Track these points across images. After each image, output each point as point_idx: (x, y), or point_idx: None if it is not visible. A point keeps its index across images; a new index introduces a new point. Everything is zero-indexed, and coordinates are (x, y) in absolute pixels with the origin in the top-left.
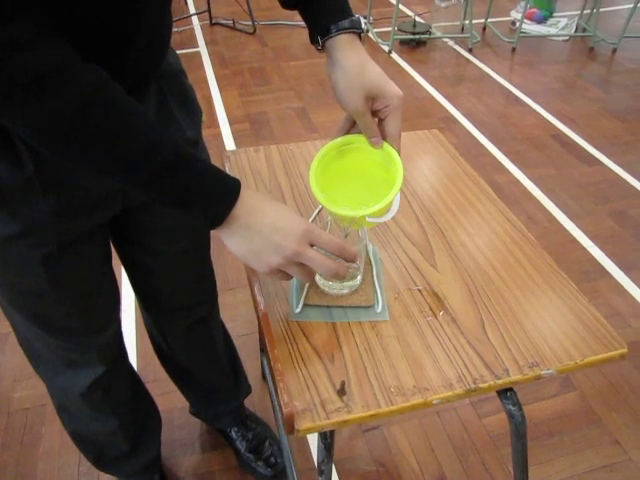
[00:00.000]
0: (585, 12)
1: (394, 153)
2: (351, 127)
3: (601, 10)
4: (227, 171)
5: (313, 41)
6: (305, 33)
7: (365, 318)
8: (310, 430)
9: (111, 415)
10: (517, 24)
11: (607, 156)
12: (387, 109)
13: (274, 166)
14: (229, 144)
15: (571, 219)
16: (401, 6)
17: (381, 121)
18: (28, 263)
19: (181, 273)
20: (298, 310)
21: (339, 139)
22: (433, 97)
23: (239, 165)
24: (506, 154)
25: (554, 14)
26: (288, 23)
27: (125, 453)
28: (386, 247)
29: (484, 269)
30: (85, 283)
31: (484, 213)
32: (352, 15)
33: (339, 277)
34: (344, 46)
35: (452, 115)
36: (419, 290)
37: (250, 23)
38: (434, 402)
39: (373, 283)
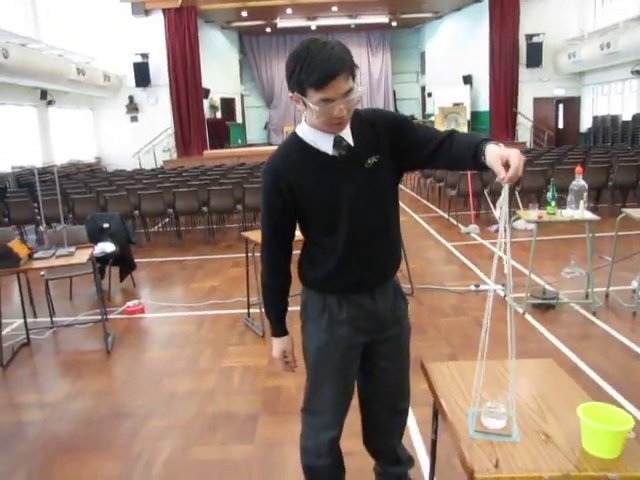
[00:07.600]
0: None
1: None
2: None
3: None
4: (431, 377)
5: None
6: (453, 296)
7: (508, 439)
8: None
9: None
10: (637, 292)
11: None
12: None
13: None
14: None
15: None
16: (533, 276)
17: None
18: (342, 345)
19: (395, 380)
20: (471, 434)
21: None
22: (559, 350)
23: (442, 372)
24: (629, 398)
25: None
26: (440, 287)
27: None
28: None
29: None
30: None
31: None
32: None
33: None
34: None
35: (576, 365)
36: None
37: (409, 286)
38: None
39: (512, 425)
